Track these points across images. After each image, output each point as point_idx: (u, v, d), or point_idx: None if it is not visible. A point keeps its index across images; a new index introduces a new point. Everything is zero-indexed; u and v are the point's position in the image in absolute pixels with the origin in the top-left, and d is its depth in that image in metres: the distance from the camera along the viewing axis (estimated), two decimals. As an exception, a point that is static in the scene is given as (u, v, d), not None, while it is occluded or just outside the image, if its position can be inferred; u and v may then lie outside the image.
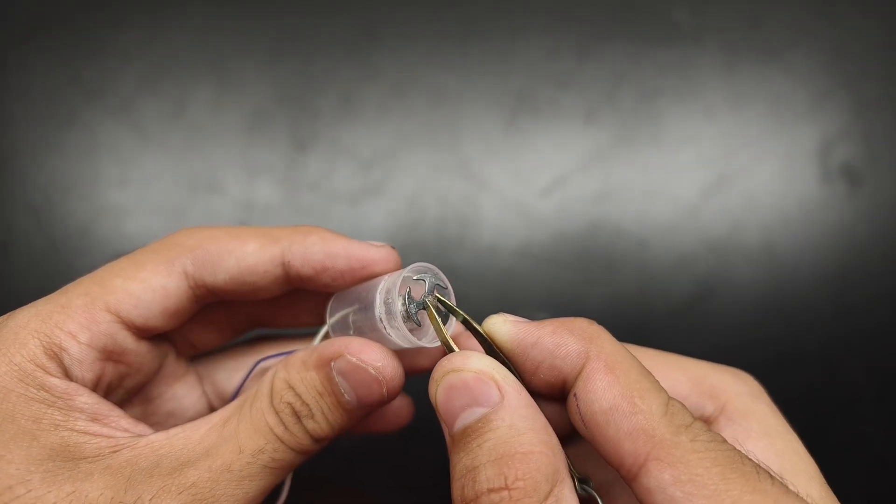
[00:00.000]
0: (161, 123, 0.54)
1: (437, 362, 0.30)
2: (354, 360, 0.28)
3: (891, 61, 0.54)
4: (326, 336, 0.33)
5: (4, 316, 0.29)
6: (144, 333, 0.30)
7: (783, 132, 0.54)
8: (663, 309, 0.52)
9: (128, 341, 0.29)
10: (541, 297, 0.52)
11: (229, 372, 0.35)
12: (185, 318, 0.32)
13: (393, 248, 0.31)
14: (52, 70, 0.55)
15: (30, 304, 0.29)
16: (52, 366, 0.27)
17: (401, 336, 0.29)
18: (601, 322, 0.29)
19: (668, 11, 0.55)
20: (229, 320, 0.35)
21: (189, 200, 0.53)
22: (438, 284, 0.30)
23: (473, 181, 0.54)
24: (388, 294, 0.29)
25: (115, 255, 0.53)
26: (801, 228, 0.53)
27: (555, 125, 0.54)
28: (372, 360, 0.28)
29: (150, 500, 0.25)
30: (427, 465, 0.49)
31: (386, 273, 0.31)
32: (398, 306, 0.29)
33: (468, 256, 0.53)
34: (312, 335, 0.34)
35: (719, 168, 0.53)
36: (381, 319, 0.29)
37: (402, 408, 0.36)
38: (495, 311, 0.53)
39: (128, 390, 0.31)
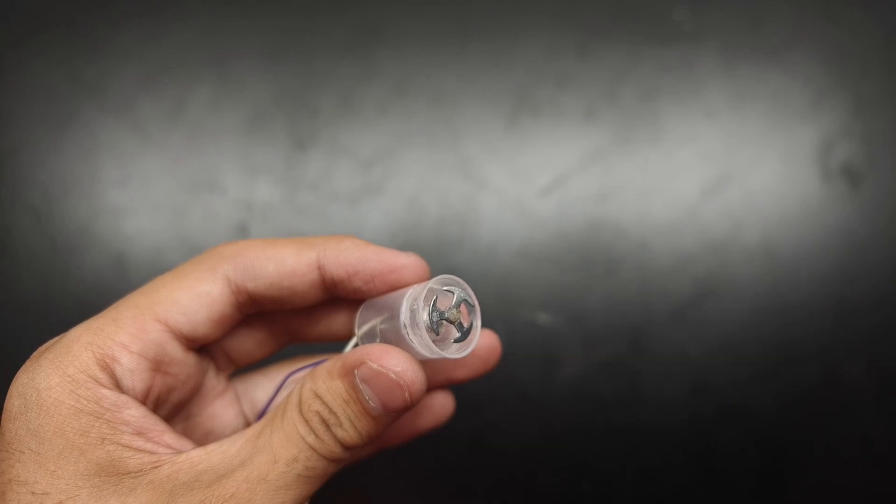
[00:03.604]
0: (161, 123, 0.54)
1: (469, 374, 0.34)
2: (375, 366, 0.28)
3: (891, 61, 0.54)
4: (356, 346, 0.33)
5: (60, 335, 0.29)
6: (192, 343, 0.31)
7: (783, 132, 0.54)
8: (663, 309, 0.52)
9: (176, 351, 0.30)
10: (540, 297, 0.52)
11: (267, 390, 0.36)
12: (229, 327, 0.32)
13: (421, 257, 0.33)
14: (52, 69, 0.55)
15: (82, 323, 0.29)
16: (104, 377, 0.27)
17: (423, 345, 0.29)
18: (601, 321, 0.29)
19: (668, 11, 0.55)
20: (267, 332, 0.35)
21: (189, 200, 0.54)
22: (466, 300, 0.30)
23: (473, 181, 0.54)
24: (415, 301, 0.29)
25: (116, 255, 0.53)
26: (801, 228, 0.53)
27: (555, 125, 0.54)
28: (391, 364, 0.28)
29: None
30: (437, 466, 0.49)
31: (414, 282, 0.32)
32: (423, 315, 0.29)
33: (468, 256, 0.53)
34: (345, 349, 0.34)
35: (719, 168, 0.53)
36: (405, 325, 0.29)
37: (444, 404, 0.36)
38: (495, 311, 0.53)
39: (174, 405, 0.32)
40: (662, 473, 0.51)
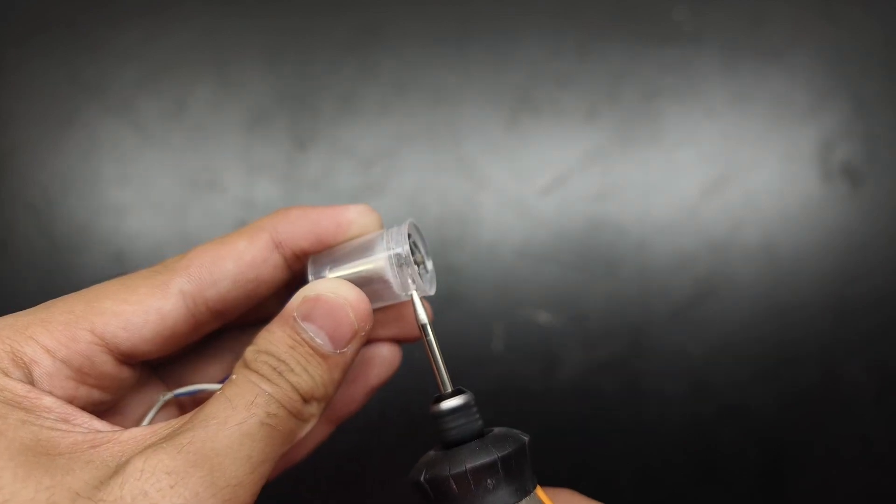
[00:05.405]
0: (161, 122, 0.54)
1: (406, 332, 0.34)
2: (312, 294, 0.27)
3: (891, 61, 0.54)
4: None
5: None
6: (130, 359, 0.28)
7: (783, 132, 0.54)
8: (663, 309, 0.52)
9: (107, 365, 0.28)
10: (541, 297, 0.52)
11: (195, 371, 0.34)
12: (180, 344, 0.30)
13: (369, 206, 0.32)
14: (52, 69, 0.55)
15: (8, 315, 0.27)
16: (16, 372, 0.25)
17: (404, 282, 0.30)
18: (601, 321, 0.29)
19: (668, 11, 0.55)
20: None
21: (189, 199, 0.53)
22: (423, 243, 0.32)
23: (473, 180, 0.54)
24: (396, 243, 0.30)
25: (116, 254, 0.53)
26: (802, 228, 0.53)
27: (555, 124, 0.54)
28: (326, 289, 0.28)
29: (146, 462, 0.23)
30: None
31: (366, 230, 0.32)
32: (407, 252, 0.29)
33: (468, 255, 0.53)
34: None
35: (719, 168, 0.53)
36: (391, 263, 0.29)
37: (391, 351, 0.35)
38: (495, 310, 0.53)
39: (96, 411, 0.29)
40: (662, 473, 0.51)
